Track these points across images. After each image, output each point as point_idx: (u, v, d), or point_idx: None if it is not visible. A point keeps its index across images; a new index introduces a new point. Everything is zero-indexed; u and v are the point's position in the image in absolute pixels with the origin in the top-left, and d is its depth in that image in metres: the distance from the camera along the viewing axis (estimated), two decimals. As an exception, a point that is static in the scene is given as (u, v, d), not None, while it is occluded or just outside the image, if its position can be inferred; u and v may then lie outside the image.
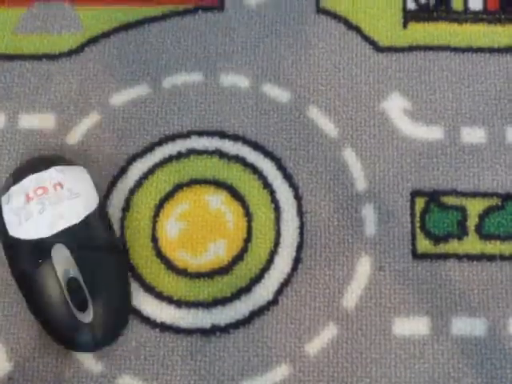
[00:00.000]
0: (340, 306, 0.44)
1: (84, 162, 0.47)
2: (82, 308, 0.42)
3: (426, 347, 0.43)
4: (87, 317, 0.42)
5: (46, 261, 0.42)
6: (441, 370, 0.43)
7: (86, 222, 0.43)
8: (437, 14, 0.50)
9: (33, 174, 0.44)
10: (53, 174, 0.44)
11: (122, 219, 0.46)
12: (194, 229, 0.46)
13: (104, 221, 0.45)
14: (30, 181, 0.44)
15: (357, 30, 0.50)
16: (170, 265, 0.45)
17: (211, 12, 0.51)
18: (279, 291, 0.45)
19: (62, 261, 0.42)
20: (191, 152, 0.48)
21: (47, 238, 0.42)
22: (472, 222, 0.46)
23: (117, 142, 0.48)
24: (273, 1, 0.51)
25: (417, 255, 0.45)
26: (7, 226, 0.43)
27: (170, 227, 0.46)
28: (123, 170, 0.47)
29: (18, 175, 0.45)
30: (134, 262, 0.46)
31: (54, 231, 0.42)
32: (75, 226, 0.43)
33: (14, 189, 0.44)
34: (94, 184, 0.45)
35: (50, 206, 0.43)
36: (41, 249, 0.42)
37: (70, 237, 0.43)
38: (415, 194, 0.46)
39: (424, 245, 0.45)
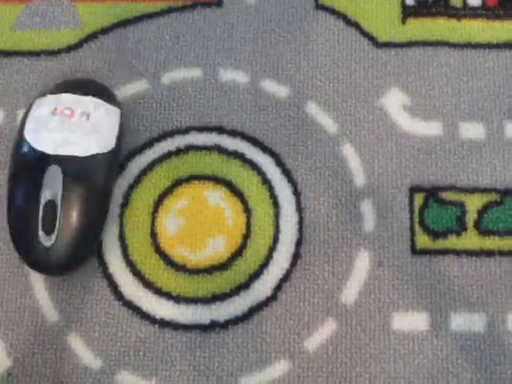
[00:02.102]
0: (339, 301, 0.44)
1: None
2: (49, 231, 0.43)
3: (425, 343, 0.44)
4: (49, 240, 0.43)
5: (37, 174, 0.43)
6: (440, 366, 0.43)
7: (90, 159, 0.44)
8: (435, 10, 0.50)
9: (74, 93, 0.46)
10: (88, 102, 0.45)
11: (121, 215, 0.46)
12: (193, 225, 0.46)
13: (109, 168, 0.45)
14: (67, 99, 0.46)
15: (355, 25, 0.50)
16: (168, 261, 0.45)
17: (210, 8, 0.51)
18: (278, 287, 0.45)
19: (51, 181, 0.43)
20: (190, 148, 0.48)
21: (49, 155, 0.43)
22: (471, 218, 0.46)
23: (115, 137, 0.48)
24: (271, -3, 0.51)
25: (416, 251, 0.45)
26: (25, 126, 0.45)
27: (169, 223, 0.46)
28: (122, 166, 0.47)
29: (61, 87, 0.47)
30: (133, 258, 0.46)
31: (58, 153, 0.43)
32: (79, 158, 0.44)
33: (50, 97, 0.46)
34: (119, 131, 0.46)
35: (66, 129, 0.44)
36: (41, 161, 0.44)
37: (70, 165, 0.44)
38: (414, 189, 0.46)
39: (423, 240, 0.45)
